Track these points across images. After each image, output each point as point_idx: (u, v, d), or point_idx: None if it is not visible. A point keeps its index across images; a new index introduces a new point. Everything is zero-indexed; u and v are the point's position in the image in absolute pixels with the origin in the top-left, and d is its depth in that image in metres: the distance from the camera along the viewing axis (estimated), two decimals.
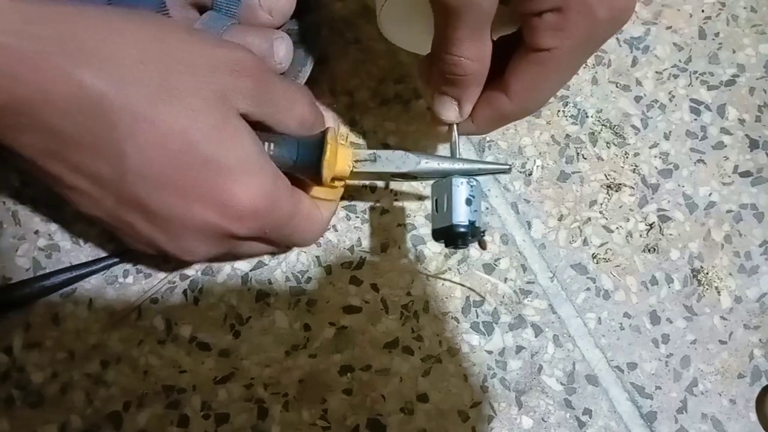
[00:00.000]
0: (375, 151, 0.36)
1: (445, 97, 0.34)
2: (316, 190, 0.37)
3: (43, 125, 0.28)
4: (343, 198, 0.42)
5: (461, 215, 0.33)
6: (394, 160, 0.35)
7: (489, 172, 0.35)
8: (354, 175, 0.36)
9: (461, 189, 0.33)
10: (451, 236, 0.33)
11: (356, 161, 0.35)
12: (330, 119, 0.42)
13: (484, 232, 0.34)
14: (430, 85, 0.34)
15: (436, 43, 0.31)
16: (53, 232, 0.40)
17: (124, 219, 0.32)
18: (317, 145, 0.34)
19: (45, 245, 0.40)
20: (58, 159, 0.30)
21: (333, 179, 0.35)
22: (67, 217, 0.40)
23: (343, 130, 0.43)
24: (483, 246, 0.40)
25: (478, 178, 0.34)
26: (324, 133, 0.35)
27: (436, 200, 0.34)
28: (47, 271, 0.39)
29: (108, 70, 0.29)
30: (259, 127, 0.34)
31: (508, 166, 0.35)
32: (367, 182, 0.42)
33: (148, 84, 0.29)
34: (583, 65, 0.45)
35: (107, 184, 0.31)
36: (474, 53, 0.31)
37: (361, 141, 0.43)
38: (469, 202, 0.33)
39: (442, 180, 0.34)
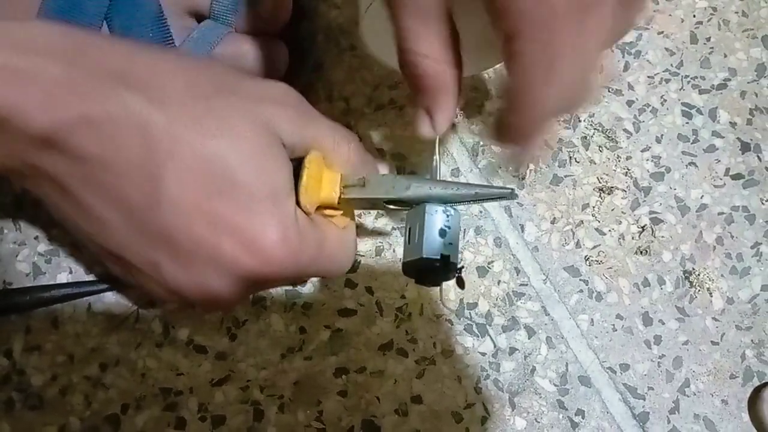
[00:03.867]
0: (364, 175, 0.33)
1: (419, 109, 0.31)
2: (333, 214, 0.35)
3: (84, 151, 0.28)
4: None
5: (432, 248, 0.29)
6: (384, 184, 0.32)
7: (489, 198, 0.31)
8: (345, 202, 0.33)
9: (435, 218, 0.29)
10: (420, 271, 0.30)
11: (345, 187, 0.33)
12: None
13: (460, 269, 0.30)
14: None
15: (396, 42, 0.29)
16: (53, 237, 0.41)
17: (149, 257, 0.31)
18: (295, 170, 0.32)
19: (45, 250, 0.40)
20: (92, 186, 0.29)
21: (324, 208, 0.33)
22: None
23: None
24: (461, 285, 0.35)
25: (459, 207, 0.30)
26: (303, 157, 0.32)
27: (410, 229, 0.31)
28: (50, 283, 0.40)
29: (154, 96, 0.28)
30: None
31: (510, 190, 0.30)
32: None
33: (193, 107, 0.29)
34: None
35: (138, 214, 0.30)
36: (428, 48, 0.28)
37: None
38: (443, 233, 0.29)
39: (417, 207, 0.31)
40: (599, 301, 0.41)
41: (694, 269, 0.42)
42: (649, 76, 0.46)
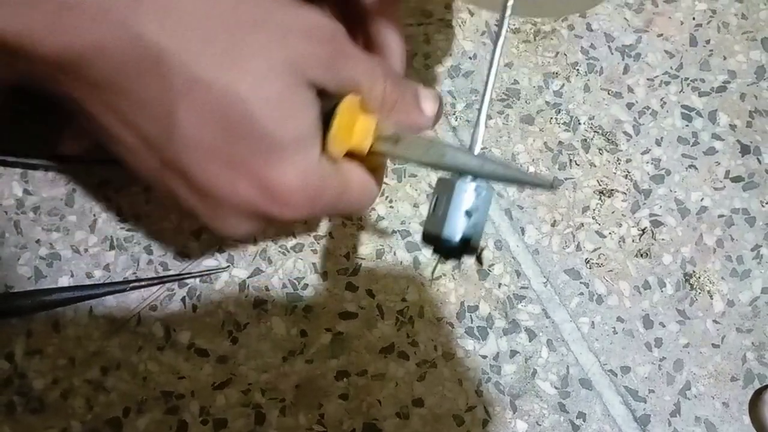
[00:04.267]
0: (401, 132, 0.31)
1: None
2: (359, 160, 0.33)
3: (98, 77, 0.27)
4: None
5: (455, 228, 0.28)
6: (418, 147, 0.30)
7: (527, 183, 0.28)
8: (373, 154, 0.31)
9: (464, 197, 0.28)
10: (439, 246, 0.29)
11: (377, 138, 0.31)
12: (422, 93, 0.35)
13: (481, 250, 0.29)
14: None
15: None
16: (54, 241, 0.41)
17: (167, 184, 0.30)
18: (328, 114, 0.30)
19: (46, 254, 0.41)
20: (110, 111, 0.28)
21: (351, 154, 0.31)
22: (69, 225, 0.41)
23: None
24: (480, 262, 0.36)
25: (494, 186, 0.29)
26: (338, 102, 0.30)
27: (436, 199, 0.29)
28: (51, 286, 0.40)
29: (170, 25, 0.26)
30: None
31: (550, 181, 0.28)
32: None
33: (212, 43, 0.27)
34: (576, 73, 0.46)
35: (154, 144, 0.29)
36: None
37: None
38: (469, 213, 0.28)
39: (449, 179, 0.29)
40: (600, 303, 0.42)
41: (694, 272, 0.42)
42: (648, 79, 0.46)
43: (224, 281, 0.41)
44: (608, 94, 0.46)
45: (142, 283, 0.40)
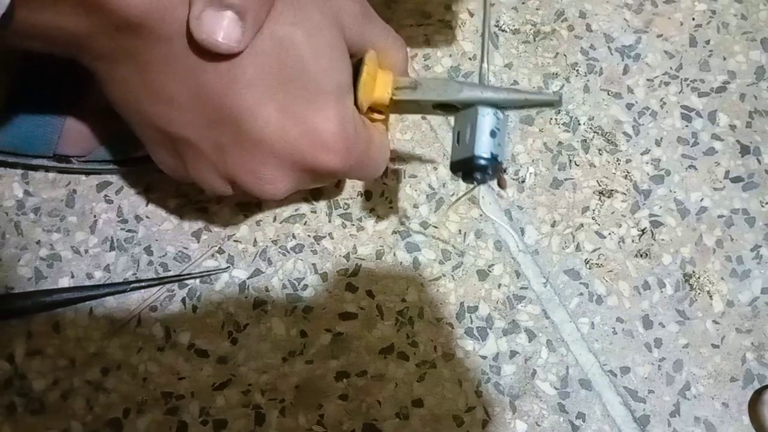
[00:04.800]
0: (416, 78, 0.34)
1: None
2: (377, 118, 0.36)
3: (169, 33, 0.28)
4: (338, 207, 0.42)
5: (484, 147, 0.30)
6: (435, 88, 0.33)
7: (536, 103, 0.32)
8: (394, 104, 0.34)
9: (487, 120, 0.31)
10: (470, 168, 0.31)
11: (396, 89, 0.34)
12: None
13: (505, 169, 0.32)
14: None
15: None
16: (54, 242, 0.41)
17: (214, 137, 0.31)
18: (354, 68, 0.32)
19: (46, 255, 0.41)
20: (170, 66, 0.29)
21: (372, 109, 0.34)
22: (69, 226, 0.41)
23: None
24: (503, 185, 0.36)
25: (508, 112, 0.32)
26: (361, 57, 0.33)
27: (459, 131, 0.32)
28: (51, 287, 0.40)
29: None
30: None
31: (557, 97, 0.32)
32: (408, 113, 0.42)
33: None
34: (576, 73, 0.46)
35: (212, 95, 0.30)
36: None
37: None
38: (493, 134, 0.31)
39: (468, 110, 0.32)
40: (599, 304, 0.42)
41: (694, 272, 0.42)
42: (648, 79, 0.46)
43: (224, 282, 0.41)
44: (608, 94, 0.46)
45: (142, 284, 0.40)
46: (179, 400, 0.38)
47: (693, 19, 0.48)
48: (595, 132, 0.45)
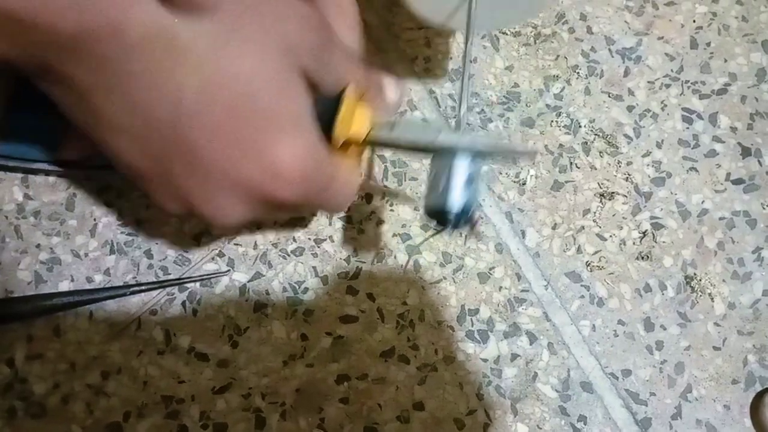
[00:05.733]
0: (395, 117, 0.34)
1: None
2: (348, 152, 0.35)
3: (108, 58, 0.27)
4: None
5: (458, 196, 0.30)
6: (413, 130, 0.33)
7: (512, 153, 0.32)
8: (370, 141, 0.34)
9: (462, 168, 0.31)
10: (443, 217, 0.31)
11: (373, 126, 0.33)
12: (393, 85, 0.37)
13: (478, 220, 0.33)
14: None
15: None
16: (54, 245, 0.41)
17: (165, 166, 0.31)
18: (334, 102, 0.32)
19: (46, 259, 0.41)
20: (114, 96, 0.28)
21: (348, 143, 0.34)
22: (69, 230, 0.41)
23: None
24: (473, 229, 0.38)
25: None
26: (343, 90, 0.33)
27: (435, 175, 0.32)
28: (51, 291, 0.40)
29: (181, 5, 0.27)
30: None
31: (534, 151, 0.32)
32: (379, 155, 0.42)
33: (221, 24, 0.28)
34: (576, 76, 0.46)
35: (158, 125, 0.29)
36: None
37: None
38: (468, 183, 0.31)
39: (444, 155, 0.32)
40: (601, 306, 0.41)
41: (695, 274, 0.42)
42: (649, 82, 0.46)
43: (224, 285, 0.41)
44: (609, 96, 0.46)
45: (143, 288, 0.40)
46: (180, 404, 0.38)
47: (694, 21, 0.48)
48: (596, 134, 0.45)
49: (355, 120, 0.33)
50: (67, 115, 0.31)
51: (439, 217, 0.31)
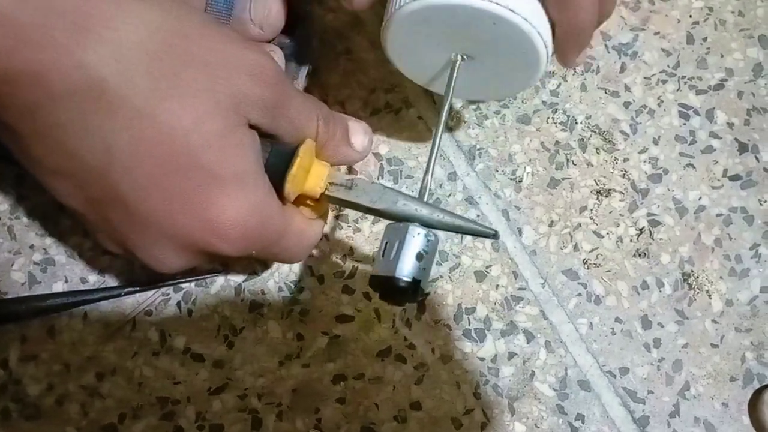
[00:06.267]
0: (354, 177, 0.33)
1: None
2: (304, 206, 0.35)
3: (34, 105, 0.26)
4: (334, 209, 0.42)
5: (407, 270, 0.29)
6: (371, 193, 0.32)
7: (472, 233, 0.31)
8: (325, 198, 0.33)
9: (416, 240, 0.29)
10: (389, 289, 0.29)
11: (330, 183, 0.33)
12: (353, 125, 0.37)
13: (426, 295, 0.31)
14: None
15: None
16: (48, 246, 0.41)
17: (103, 212, 0.30)
18: (288, 156, 0.31)
19: (40, 259, 0.40)
20: (44, 142, 0.28)
21: (302, 198, 0.33)
22: (63, 230, 0.41)
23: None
24: (421, 309, 0.37)
25: (438, 233, 0.30)
26: (298, 145, 0.32)
27: (387, 243, 0.30)
28: (45, 292, 0.39)
29: (114, 55, 0.26)
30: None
31: (494, 231, 0.31)
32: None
33: (157, 77, 0.27)
34: (573, 72, 0.46)
35: (90, 174, 0.29)
36: None
37: None
38: (420, 257, 0.29)
39: (399, 224, 0.31)
40: (598, 304, 0.41)
41: (692, 271, 0.42)
42: (645, 77, 0.46)
43: (219, 285, 0.40)
44: (605, 93, 0.46)
45: (137, 288, 0.40)
46: (175, 405, 0.38)
47: (690, 16, 0.48)
48: (592, 131, 0.45)
49: (311, 177, 0.32)
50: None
51: (384, 288, 0.30)
